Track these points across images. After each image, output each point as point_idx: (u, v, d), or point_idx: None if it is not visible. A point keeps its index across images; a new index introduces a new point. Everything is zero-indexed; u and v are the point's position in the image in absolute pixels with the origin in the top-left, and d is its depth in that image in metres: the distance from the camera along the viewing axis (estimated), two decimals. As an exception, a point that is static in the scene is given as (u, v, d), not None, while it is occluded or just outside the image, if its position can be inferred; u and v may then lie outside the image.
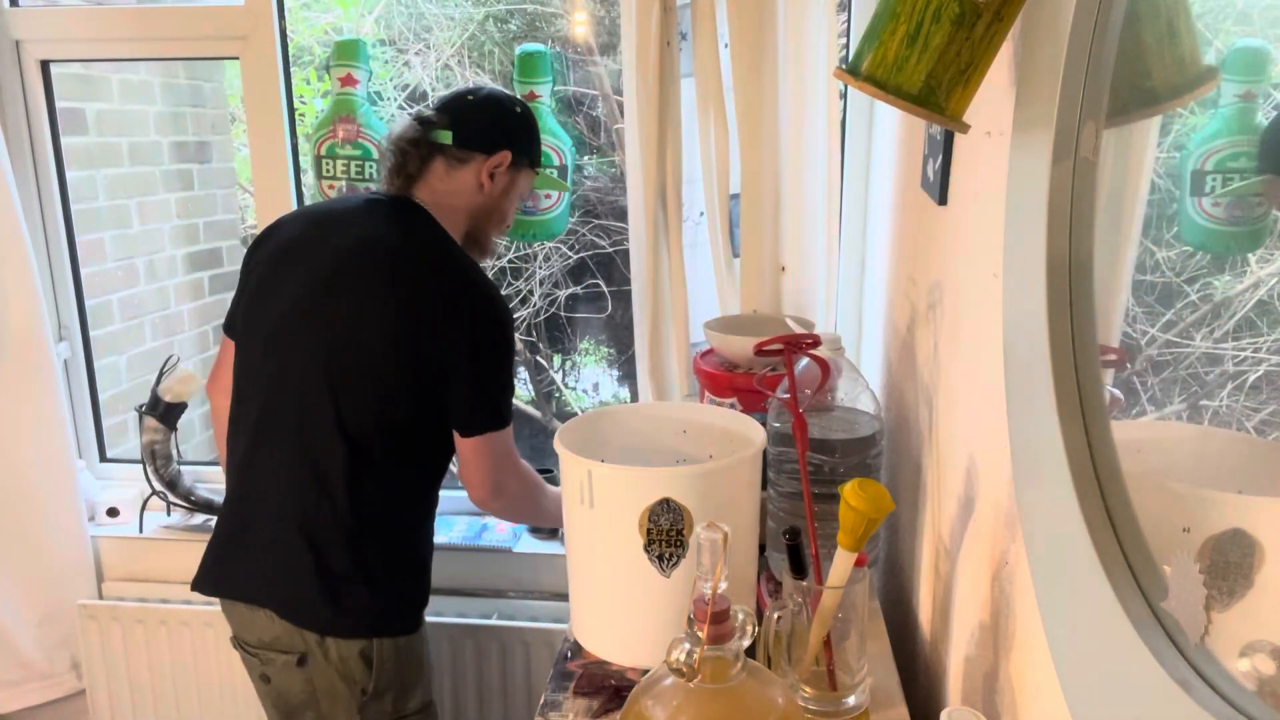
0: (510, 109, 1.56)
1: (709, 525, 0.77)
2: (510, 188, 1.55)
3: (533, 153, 1.58)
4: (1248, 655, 0.47)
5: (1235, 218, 0.51)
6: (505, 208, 1.56)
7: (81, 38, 1.91)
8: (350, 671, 1.42)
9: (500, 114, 1.54)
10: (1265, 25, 0.50)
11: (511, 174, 1.54)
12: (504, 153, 1.50)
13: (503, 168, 1.51)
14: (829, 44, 1.59)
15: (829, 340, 1.22)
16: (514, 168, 1.53)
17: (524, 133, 1.56)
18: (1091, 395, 0.62)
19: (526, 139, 1.56)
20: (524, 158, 1.55)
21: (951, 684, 1.04)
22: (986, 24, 0.67)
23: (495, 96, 1.57)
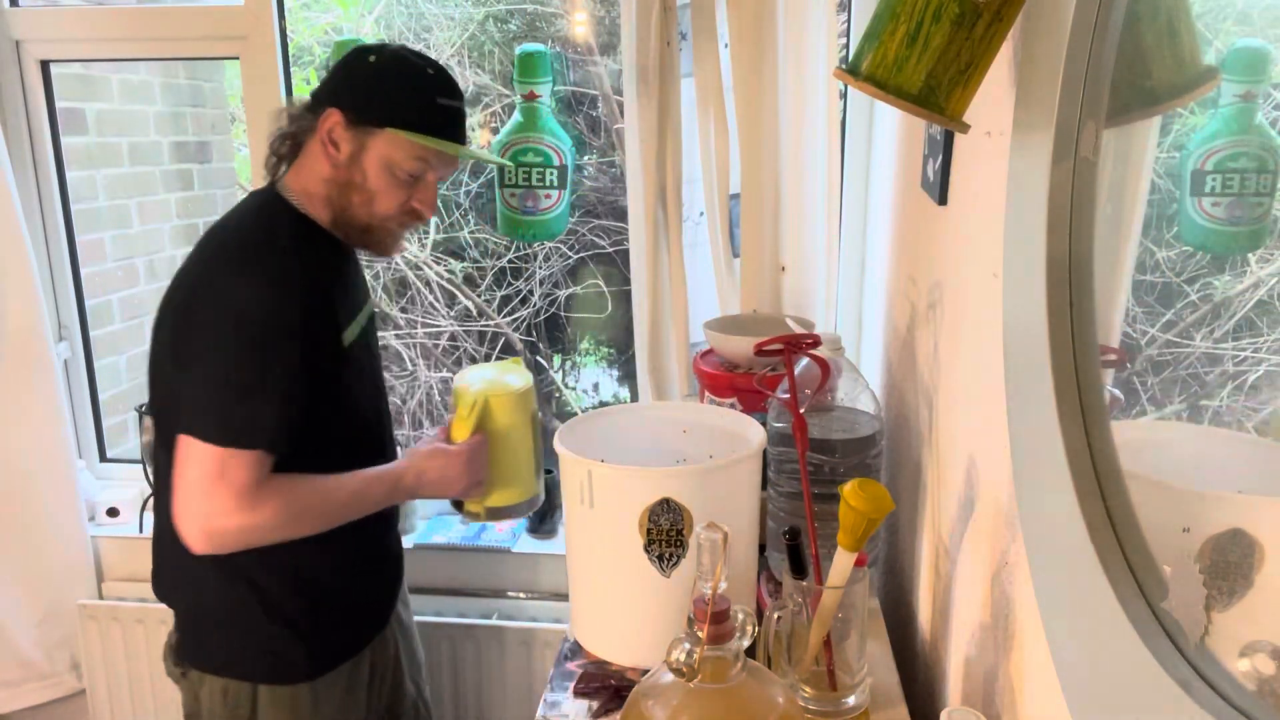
0: (352, 59, 1.31)
1: (709, 525, 0.77)
2: (362, 154, 1.27)
3: (380, 108, 1.27)
4: (1248, 655, 0.47)
5: (1235, 218, 0.51)
6: (367, 181, 1.28)
7: (81, 38, 1.91)
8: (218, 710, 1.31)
9: (339, 67, 1.31)
10: (1265, 25, 0.50)
11: (355, 136, 1.27)
12: (329, 111, 1.27)
13: (338, 129, 1.27)
14: (829, 44, 1.59)
15: (829, 340, 1.22)
16: (356, 128, 1.27)
17: (362, 84, 1.29)
18: (1091, 395, 0.62)
19: (364, 92, 1.28)
20: (366, 114, 1.27)
21: (951, 684, 1.04)
22: (986, 24, 0.67)
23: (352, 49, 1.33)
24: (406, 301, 2.64)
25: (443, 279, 2.61)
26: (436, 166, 1.32)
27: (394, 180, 1.29)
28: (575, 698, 1.10)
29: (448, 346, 2.69)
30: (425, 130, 1.28)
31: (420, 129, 1.28)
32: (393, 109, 1.27)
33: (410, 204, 1.32)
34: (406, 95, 1.28)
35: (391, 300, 2.64)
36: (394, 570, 1.51)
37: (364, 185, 1.29)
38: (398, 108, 1.27)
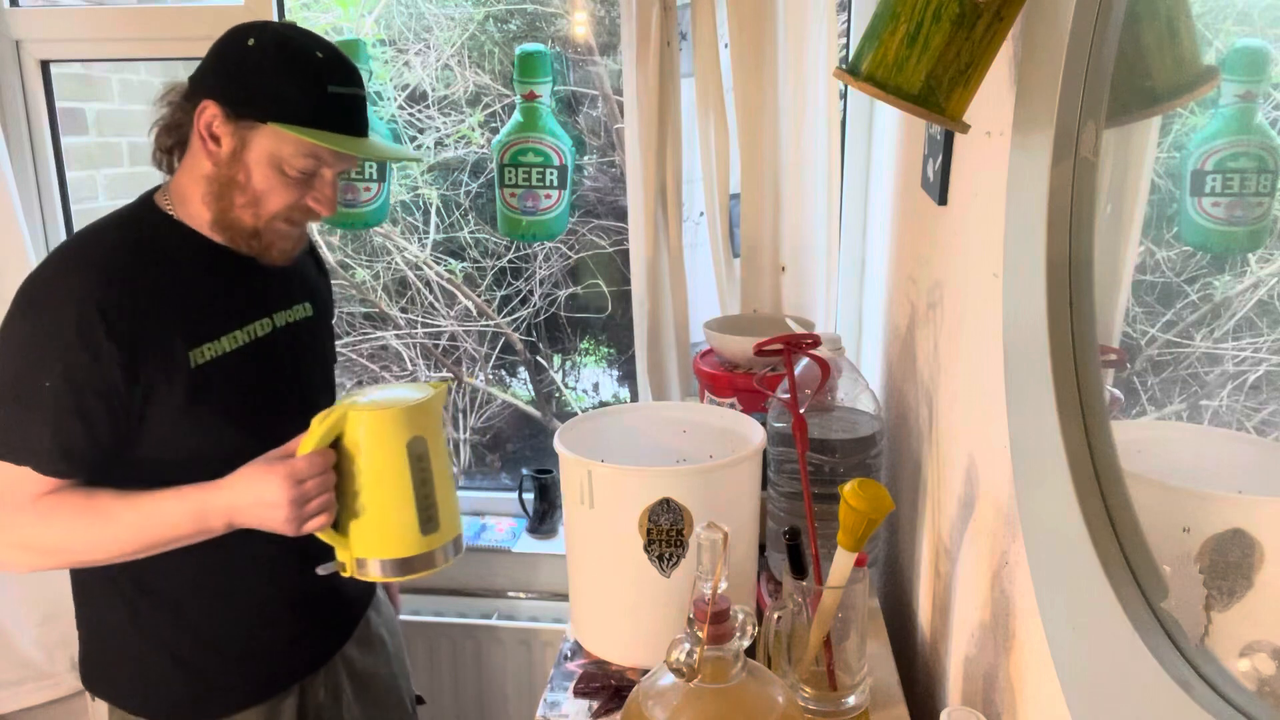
0: (229, 41, 1.16)
1: (709, 525, 0.77)
2: (245, 150, 1.14)
3: (262, 100, 1.12)
4: (1248, 655, 0.47)
5: (1235, 218, 0.51)
6: (252, 180, 1.15)
7: (81, 38, 1.91)
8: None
9: (214, 51, 1.17)
10: (1265, 25, 0.50)
11: (236, 131, 1.13)
12: (204, 103, 1.13)
13: (216, 123, 1.13)
14: (829, 44, 1.59)
15: (829, 340, 1.22)
16: (235, 121, 1.13)
17: (240, 72, 1.14)
18: (1091, 395, 0.62)
19: (242, 81, 1.13)
20: (246, 107, 1.12)
21: (951, 684, 1.04)
22: (986, 24, 0.67)
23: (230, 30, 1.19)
24: (406, 301, 2.64)
25: (443, 279, 2.61)
26: (332, 162, 1.18)
27: (283, 179, 1.15)
28: (575, 698, 1.10)
29: (448, 346, 2.69)
30: (315, 124, 1.13)
31: (309, 123, 1.13)
32: (276, 101, 1.12)
33: (304, 202, 1.19)
34: (291, 84, 1.13)
35: (391, 300, 2.64)
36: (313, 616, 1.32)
37: (248, 185, 1.15)
38: (282, 100, 1.12)
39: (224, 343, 1.19)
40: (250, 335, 1.23)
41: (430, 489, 1.13)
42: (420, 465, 1.13)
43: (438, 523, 1.14)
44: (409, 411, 1.12)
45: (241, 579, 1.23)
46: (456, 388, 2.72)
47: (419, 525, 1.13)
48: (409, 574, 1.15)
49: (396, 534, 1.13)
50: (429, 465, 1.13)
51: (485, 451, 2.74)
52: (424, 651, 1.99)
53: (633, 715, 0.79)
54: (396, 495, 1.12)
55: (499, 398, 2.73)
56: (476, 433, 2.73)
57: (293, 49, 1.14)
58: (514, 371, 2.78)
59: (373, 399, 1.14)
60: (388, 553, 1.14)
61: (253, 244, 1.19)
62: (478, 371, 2.71)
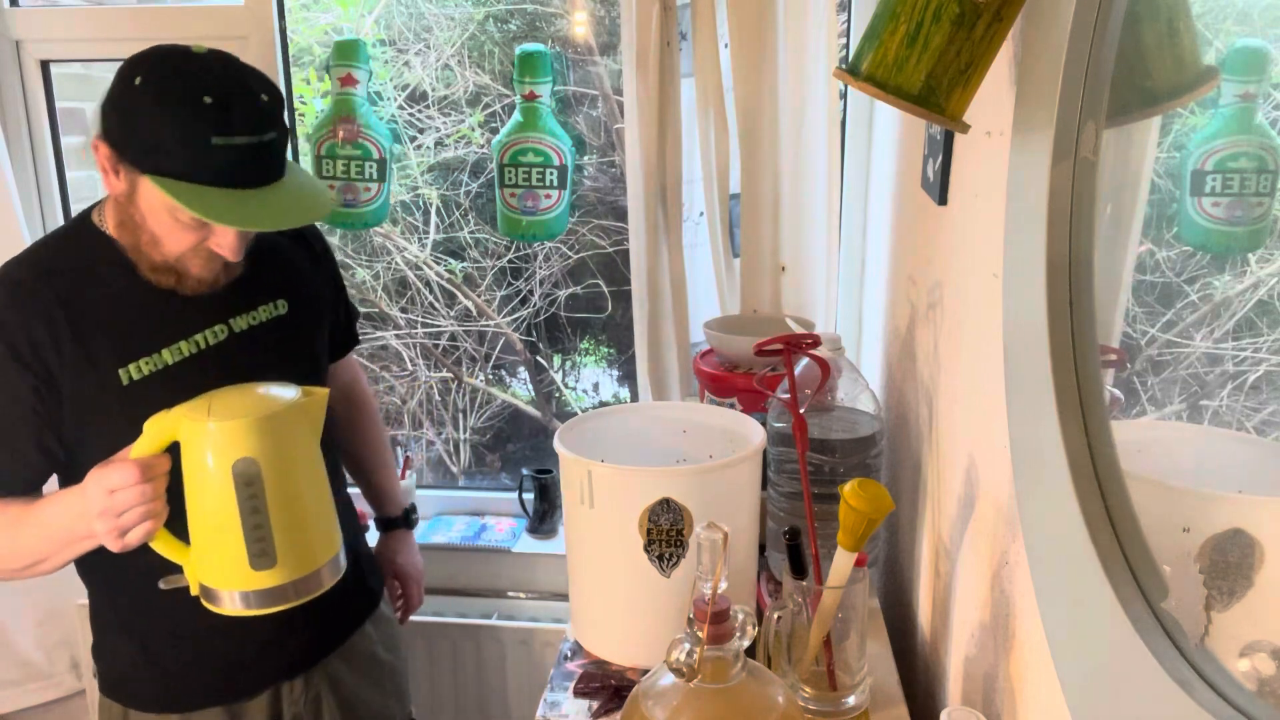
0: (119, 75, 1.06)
1: (709, 525, 0.77)
2: (135, 194, 1.08)
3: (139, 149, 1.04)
4: (1248, 655, 0.47)
5: (1235, 218, 0.51)
6: (147, 223, 1.09)
7: (81, 38, 1.91)
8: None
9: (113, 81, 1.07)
10: (1265, 25, 0.50)
11: (126, 173, 1.07)
12: (96, 143, 1.07)
13: (108, 161, 1.07)
14: (829, 44, 1.59)
15: (829, 340, 1.22)
16: (125, 165, 1.06)
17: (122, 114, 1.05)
18: (1091, 395, 0.62)
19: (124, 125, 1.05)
20: (126, 154, 1.05)
21: (951, 684, 1.04)
22: (986, 24, 0.67)
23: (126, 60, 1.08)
24: (406, 301, 2.64)
25: (443, 279, 2.61)
26: None
27: (179, 224, 1.08)
28: (575, 698, 1.10)
29: (448, 346, 2.69)
30: (195, 178, 1.03)
31: (187, 177, 1.03)
32: (152, 152, 1.03)
33: (206, 246, 1.11)
34: (170, 134, 1.02)
35: (391, 300, 2.64)
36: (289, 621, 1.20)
37: (145, 225, 1.10)
38: (158, 151, 1.03)
39: (164, 355, 1.16)
40: (198, 345, 1.19)
41: (263, 519, 1.00)
42: (249, 492, 0.99)
43: (274, 558, 1.01)
44: (238, 427, 0.98)
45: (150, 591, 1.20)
46: (457, 388, 2.71)
47: (248, 559, 1.01)
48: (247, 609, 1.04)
49: (223, 564, 1.02)
50: (261, 492, 0.99)
51: (485, 451, 2.74)
52: (424, 651, 1.99)
53: (633, 715, 0.79)
54: (220, 521, 1.00)
55: (499, 398, 2.73)
56: (476, 433, 2.73)
57: (175, 94, 1.03)
58: (514, 371, 2.78)
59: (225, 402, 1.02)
60: (218, 582, 1.03)
61: (163, 279, 1.14)
62: (478, 371, 2.71)
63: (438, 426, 2.73)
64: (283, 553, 1.02)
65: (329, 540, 1.09)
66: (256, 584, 1.02)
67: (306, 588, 1.06)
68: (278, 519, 1.01)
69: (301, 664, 1.33)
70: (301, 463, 1.04)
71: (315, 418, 1.06)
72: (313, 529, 1.06)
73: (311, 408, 1.05)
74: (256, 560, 1.01)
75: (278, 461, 1.00)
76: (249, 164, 1.06)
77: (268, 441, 1.00)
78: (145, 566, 1.18)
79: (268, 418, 1.00)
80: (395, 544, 1.62)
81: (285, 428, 1.02)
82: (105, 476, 1.02)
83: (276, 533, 1.01)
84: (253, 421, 0.99)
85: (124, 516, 1.02)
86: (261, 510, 1.00)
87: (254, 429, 0.99)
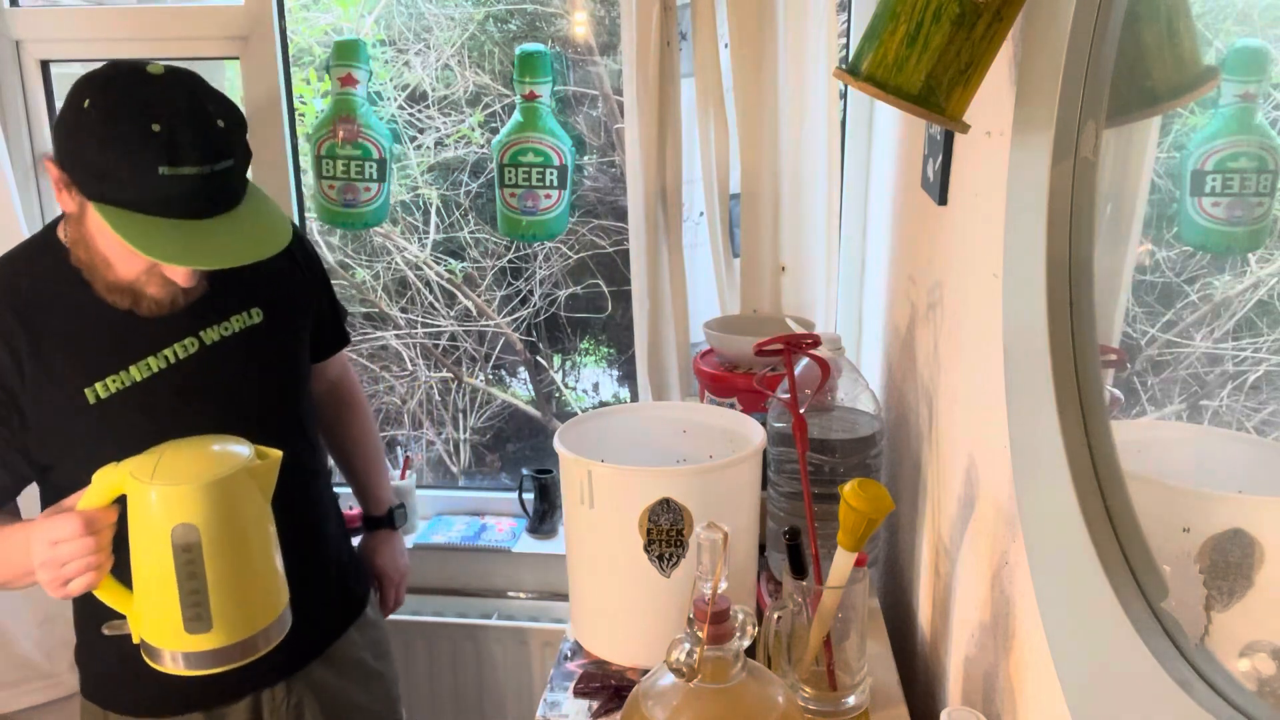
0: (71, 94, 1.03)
1: (709, 525, 0.77)
2: (84, 218, 1.06)
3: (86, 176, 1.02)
4: (1248, 655, 0.47)
5: (1235, 218, 0.51)
6: (97, 245, 1.08)
7: (81, 38, 1.91)
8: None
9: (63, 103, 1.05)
10: (1265, 25, 0.50)
11: (75, 196, 1.04)
12: (46, 162, 1.06)
13: (60, 183, 1.05)
14: (829, 44, 1.59)
15: (829, 340, 1.22)
16: (73, 189, 1.04)
17: (69, 136, 1.03)
18: (1091, 395, 0.62)
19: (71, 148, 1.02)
20: (74, 178, 1.03)
21: (951, 684, 1.04)
22: (986, 24, 0.67)
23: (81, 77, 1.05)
24: (406, 301, 2.64)
25: (443, 279, 2.61)
26: None
27: (128, 250, 1.03)
28: (575, 698, 1.10)
29: (448, 346, 2.69)
30: (143, 208, 1.00)
31: (135, 207, 1.00)
32: (100, 179, 1.01)
33: (158, 270, 1.09)
34: (117, 163, 0.99)
35: (391, 300, 2.65)
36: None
37: (96, 247, 1.08)
38: (105, 178, 1.00)
39: (132, 372, 1.14)
40: (168, 359, 1.16)
41: (200, 584, 0.97)
42: (186, 557, 0.97)
43: (209, 623, 0.99)
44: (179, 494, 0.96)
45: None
46: (457, 388, 2.72)
47: (183, 622, 0.99)
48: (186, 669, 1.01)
49: (161, 624, 1.00)
50: (199, 558, 0.97)
51: (485, 451, 2.74)
52: (424, 651, 1.99)
53: (633, 715, 0.79)
54: (158, 583, 0.98)
55: (499, 398, 2.73)
56: (476, 433, 2.73)
57: (123, 120, 0.99)
58: (514, 371, 2.78)
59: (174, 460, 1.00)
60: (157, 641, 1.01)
61: (119, 299, 1.12)
62: (478, 371, 2.71)
63: (438, 426, 2.73)
64: (220, 617, 0.99)
65: (271, 602, 1.06)
66: (192, 646, 1.00)
67: (244, 651, 1.03)
68: (217, 585, 0.99)
69: (283, 670, 1.31)
70: (245, 528, 1.01)
71: (265, 481, 1.03)
72: (253, 593, 1.03)
73: (261, 471, 1.02)
74: (191, 624, 0.99)
75: (220, 528, 0.98)
76: (199, 195, 1.02)
77: (210, 508, 0.97)
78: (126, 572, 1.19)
79: (211, 484, 0.97)
80: (376, 543, 1.59)
81: (230, 494, 0.99)
82: (49, 528, 1.00)
83: (214, 598, 0.99)
84: (195, 489, 0.96)
85: (66, 568, 1.00)
86: (199, 576, 0.98)
87: (196, 496, 0.96)
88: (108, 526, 1.01)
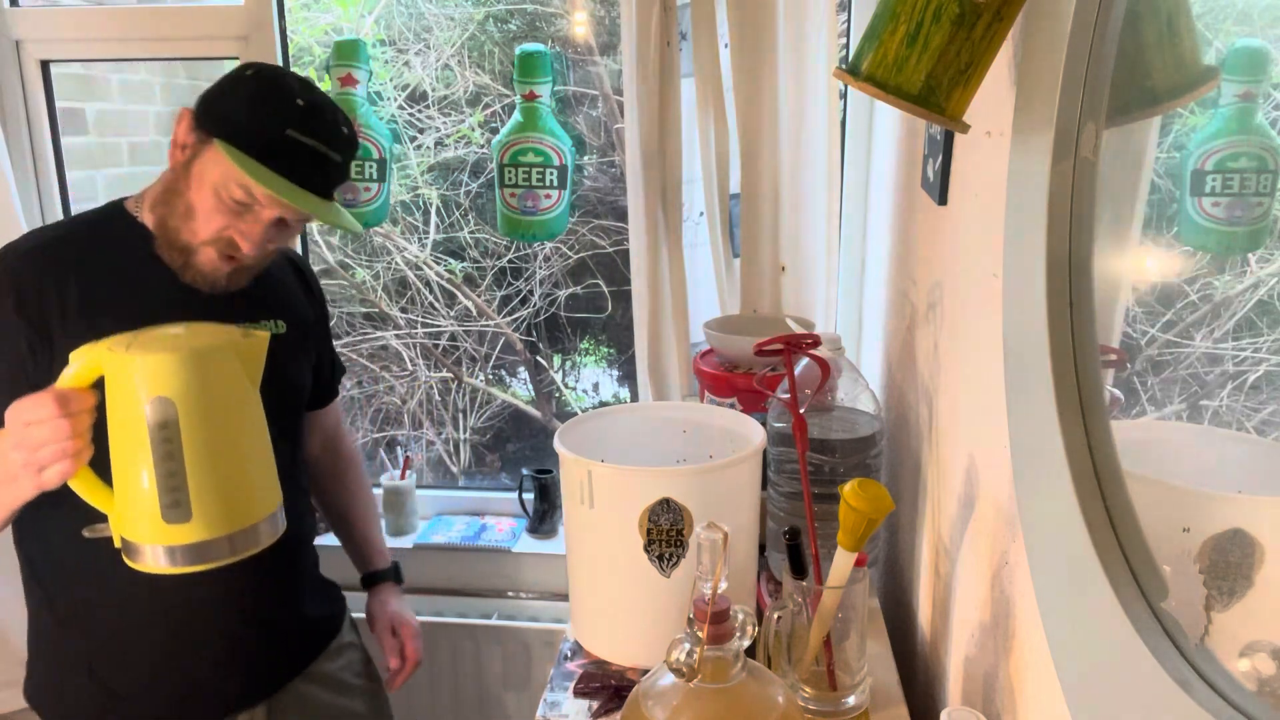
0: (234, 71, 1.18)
1: (709, 525, 0.77)
2: (195, 161, 1.14)
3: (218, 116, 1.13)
4: (1248, 655, 0.47)
5: (1235, 218, 0.51)
6: (189, 191, 1.14)
7: (81, 38, 1.91)
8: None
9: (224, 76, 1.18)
10: (1265, 25, 0.50)
11: (195, 142, 1.14)
12: (183, 110, 1.15)
13: (184, 129, 1.15)
14: (829, 44, 1.59)
15: (829, 340, 1.22)
16: (199, 132, 1.14)
17: (221, 88, 1.16)
18: (1091, 395, 0.62)
19: (216, 95, 1.16)
20: (205, 119, 1.14)
21: (951, 684, 1.04)
22: (986, 24, 0.67)
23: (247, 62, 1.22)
24: (406, 301, 2.64)
25: (443, 279, 2.61)
26: (268, 204, 1.14)
27: (218, 203, 1.13)
28: (575, 698, 1.10)
29: (448, 346, 2.69)
30: (259, 158, 1.11)
31: (252, 154, 1.10)
32: (228, 122, 1.12)
33: (229, 233, 1.15)
34: (252, 112, 1.12)
35: (391, 300, 2.65)
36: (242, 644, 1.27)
37: (186, 195, 1.14)
38: (234, 123, 1.12)
39: None
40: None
41: (178, 466, 0.90)
42: (163, 435, 0.89)
43: (188, 511, 0.90)
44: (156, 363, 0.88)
45: (162, 595, 1.19)
46: (457, 388, 2.72)
47: (160, 510, 0.90)
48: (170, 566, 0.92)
49: (139, 515, 0.91)
50: (175, 437, 0.89)
51: (485, 451, 2.74)
52: (424, 651, 1.98)
53: (633, 715, 0.79)
54: (132, 465, 0.90)
55: (499, 398, 2.73)
56: (476, 433, 2.73)
57: (273, 86, 1.14)
58: (514, 371, 2.78)
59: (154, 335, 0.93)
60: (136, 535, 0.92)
61: (175, 257, 1.17)
62: (478, 371, 2.71)
63: (438, 426, 2.74)
64: (200, 506, 0.90)
65: (259, 499, 0.96)
66: (172, 538, 0.91)
67: (231, 548, 0.94)
68: (196, 469, 0.90)
69: (263, 689, 1.31)
70: (228, 408, 0.92)
71: (251, 360, 0.95)
72: (238, 484, 0.94)
73: (248, 348, 0.94)
74: (169, 512, 0.90)
75: (200, 404, 0.89)
76: (310, 167, 1.15)
77: (188, 381, 0.89)
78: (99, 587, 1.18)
79: (189, 354, 0.88)
80: (386, 595, 1.54)
81: (211, 369, 0.90)
82: (22, 408, 0.94)
83: (194, 484, 0.90)
84: (172, 358, 0.88)
85: (40, 452, 0.94)
86: (176, 457, 0.89)
87: (173, 366, 0.88)
88: (85, 411, 0.94)
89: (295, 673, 1.35)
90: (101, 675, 1.22)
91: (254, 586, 1.26)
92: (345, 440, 1.60)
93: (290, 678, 1.34)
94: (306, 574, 1.40)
